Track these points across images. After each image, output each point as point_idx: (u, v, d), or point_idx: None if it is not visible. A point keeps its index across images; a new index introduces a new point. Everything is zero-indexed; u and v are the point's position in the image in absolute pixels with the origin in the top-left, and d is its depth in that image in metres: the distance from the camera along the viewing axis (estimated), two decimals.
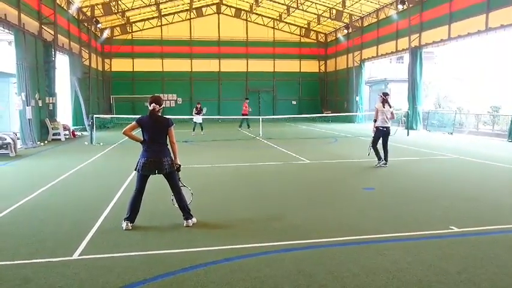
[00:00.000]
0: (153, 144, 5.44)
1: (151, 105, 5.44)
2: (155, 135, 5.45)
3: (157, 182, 6.14)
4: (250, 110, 23.43)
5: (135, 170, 5.51)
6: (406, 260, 4.31)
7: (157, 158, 5.39)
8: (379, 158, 10.37)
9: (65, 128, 19.52)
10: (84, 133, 21.81)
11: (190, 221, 5.52)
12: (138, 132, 5.77)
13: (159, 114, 5.51)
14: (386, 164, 10.38)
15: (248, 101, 24.07)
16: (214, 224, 5.66)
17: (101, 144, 16.18)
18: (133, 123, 5.46)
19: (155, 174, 5.47)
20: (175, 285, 3.79)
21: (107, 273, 4.04)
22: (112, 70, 34.57)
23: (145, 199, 5.64)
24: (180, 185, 5.70)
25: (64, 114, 22.39)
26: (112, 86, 34.56)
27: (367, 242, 4.91)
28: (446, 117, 22.96)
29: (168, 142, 5.54)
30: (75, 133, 20.60)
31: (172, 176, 5.53)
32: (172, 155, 5.54)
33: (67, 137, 19.20)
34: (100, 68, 32.85)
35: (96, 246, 4.79)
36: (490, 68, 32.35)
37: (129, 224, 5.39)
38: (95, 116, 17.87)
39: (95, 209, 6.43)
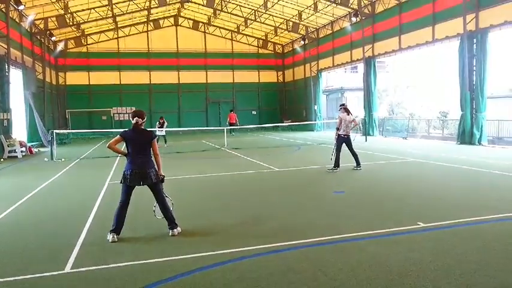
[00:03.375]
0: (137, 156, 5.58)
1: (134, 119, 5.60)
2: (139, 148, 5.59)
3: (139, 193, 6.24)
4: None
5: (120, 182, 5.61)
6: (383, 254, 4.72)
7: (142, 169, 5.53)
8: (336, 165, 11.04)
9: (22, 144, 18.80)
10: (41, 149, 21.09)
11: (175, 230, 5.68)
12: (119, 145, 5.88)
13: (142, 127, 5.67)
14: (360, 167, 11.18)
15: (233, 112, 29.73)
16: (199, 232, 5.85)
17: (63, 160, 15.77)
18: (118, 136, 5.59)
19: (140, 185, 5.60)
20: None
21: (104, 284, 4.14)
22: (67, 84, 33.61)
23: (128, 211, 5.73)
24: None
25: (19, 130, 21.52)
26: (67, 99, 33.56)
27: (346, 240, 5.29)
28: (400, 123, 24.31)
29: (151, 154, 5.69)
30: (32, 149, 19.86)
31: (157, 187, 5.68)
32: (156, 166, 5.69)
33: (24, 153, 18.48)
34: (54, 82, 31.84)
35: (85, 259, 4.83)
36: (438, 75, 34.52)
37: (115, 236, 5.47)
38: (55, 131, 17.39)
39: (75, 223, 6.41)
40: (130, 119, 5.67)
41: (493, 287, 3.84)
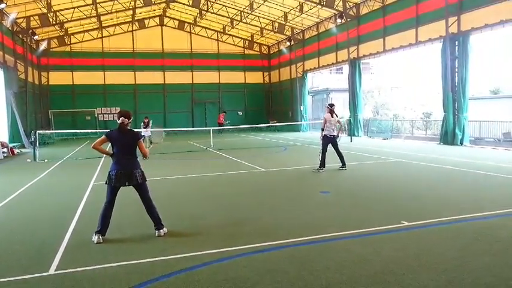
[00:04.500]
0: (123, 157, 5.54)
1: (120, 119, 5.56)
2: (125, 148, 5.55)
3: (124, 193, 6.19)
4: (226, 122, 31.54)
5: (105, 183, 5.57)
6: (368, 253, 4.78)
7: (127, 170, 5.50)
8: (322, 165, 11.12)
9: (3, 145, 18.45)
10: (23, 150, 20.73)
11: (162, 230, 5.65)
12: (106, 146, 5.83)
13: (128, 127, 5.64)
14: (345, 167, 11.32)
15: (225, 113, 33.00)
16: (185, 233, 5.84)
17: (46, 160, 15.53)
18: (103, 137, 5.55)
19: (126, 185, 5.56)
20: None
21: (88, 285, 4.10)
22: (50, 83, 33.07)
23: (113, 211, 5.67)
24: None
25: (0, 131, 21.12)
26: (50, 100, 33.03)
27: (331, 239, 5.35)
28: (384, 124, 24.57)
29: (137, 155, 5.66)
30: (14, 150, 19.50)
31: (143, 187, 5.65)
32: (142, 167, 5.66)
33: (5, 154, 18.13)
34: (37, 82, 31.27)
35: (70, 260, 4.78)
36: (421, 77, 35.12)
37: (100, 237, 5.41)
38: (38, 131, 17.11)
39: (59, 224, 6.33)
40: (116, 119, 5.62)
41: (474, 284, 3.93)
